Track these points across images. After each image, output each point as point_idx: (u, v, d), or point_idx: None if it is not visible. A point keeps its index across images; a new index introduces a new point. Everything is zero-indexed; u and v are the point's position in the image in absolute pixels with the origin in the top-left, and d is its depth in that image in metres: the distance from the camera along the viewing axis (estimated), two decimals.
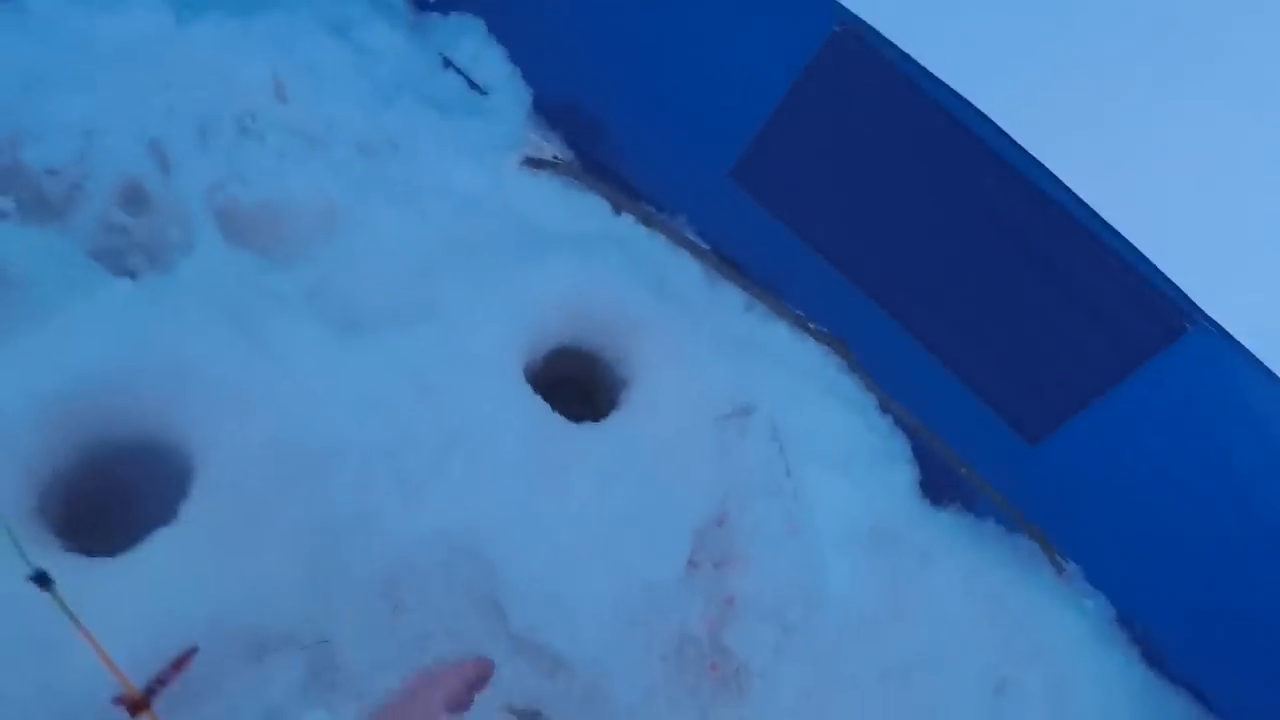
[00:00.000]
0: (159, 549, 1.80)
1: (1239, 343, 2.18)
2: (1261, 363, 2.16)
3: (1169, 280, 2.20)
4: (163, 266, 2.21)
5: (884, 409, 2.70)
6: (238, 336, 2.06)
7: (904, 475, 2.66)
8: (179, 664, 1.63)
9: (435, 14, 2.96)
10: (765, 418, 2.59)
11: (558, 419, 2.33)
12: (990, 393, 2.56)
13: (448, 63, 2.92)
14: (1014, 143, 2.25)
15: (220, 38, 2.57)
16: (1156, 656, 2.58)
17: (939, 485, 2.69)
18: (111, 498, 1.95)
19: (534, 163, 2.75)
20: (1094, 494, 2.53)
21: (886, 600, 2.44)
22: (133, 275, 2.13)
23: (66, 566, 1.61)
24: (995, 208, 2.36)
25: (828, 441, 2.60)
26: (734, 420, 2.58)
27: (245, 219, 2.41)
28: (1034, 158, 2.24)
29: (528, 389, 2.34)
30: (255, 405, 1.98)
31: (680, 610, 2.29)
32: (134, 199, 2.36)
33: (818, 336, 2.70)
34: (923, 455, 2.71)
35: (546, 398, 2.39)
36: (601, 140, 2.82)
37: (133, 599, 1.70)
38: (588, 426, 2.38)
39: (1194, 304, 2.19)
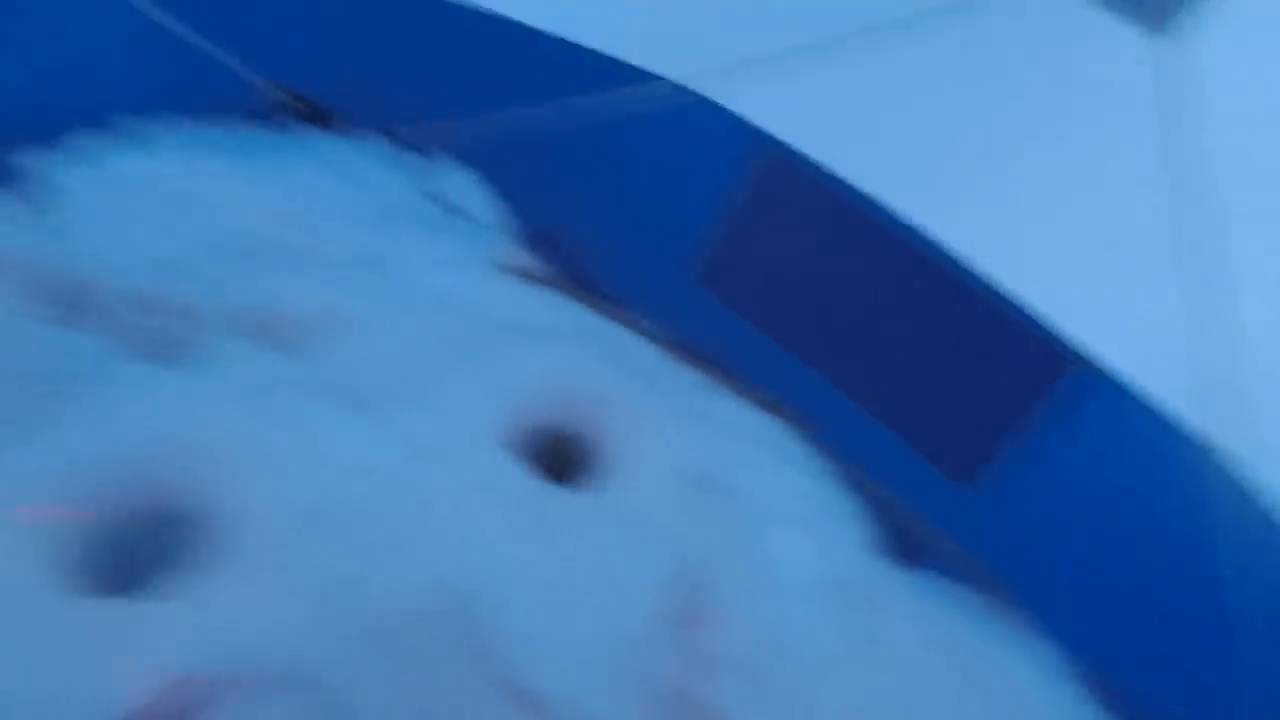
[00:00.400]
0: (171, 597, 1.93)
1: (1113, 377, 2.53)
2: (1136, 396, 2.50)
3: (1046, 328, 2.58)
4: (184, 361, 2.46)
5: (834, 469, 2.96)
6: (253, 415, 2.29)
7: (858, 531, 2.88)
8: (181, 697, 1.73)
9: (418, 153, 3.43)
10: (726, 482, 2.82)
11: (537, 483, 2.54)
12: (926, 446, 2.85)
13: (430, 192, 3.36)
14: (910, 226, 2.70)
15: (234, 174, 2.98)
16: (1112, 700, 2.71)
17: (898, 543, 2.90)
18: (142, 561, 2.08)
19: (506, 269, 3.13)
20: (1032, 536, 2.77)
21: (852, 652, 2.57)
22: (158, 368, 2.38)
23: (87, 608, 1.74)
24: (905, 278, 2.77)
25: (785, 502, 2.83)
26: (697, 485, 2.80)
27: (255, 320, 2.70)
28: (928, 237, 2.68)
29: (510, 456, 2.56)
30: (266, 472, 2.18)
31: (656, 665, 2.41)
32: (157, 306, 2.64)
33: (769, 407, 3.00)
34: (875, 512, 2.94)
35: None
36: (568, 252, 3.23)
37: (145, 641, 1.80)
38: (565, 489, 2.59)
39: (1071, 347, 2.56)
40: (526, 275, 3.15)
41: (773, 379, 3.05)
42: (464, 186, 3.41)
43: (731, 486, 2.83)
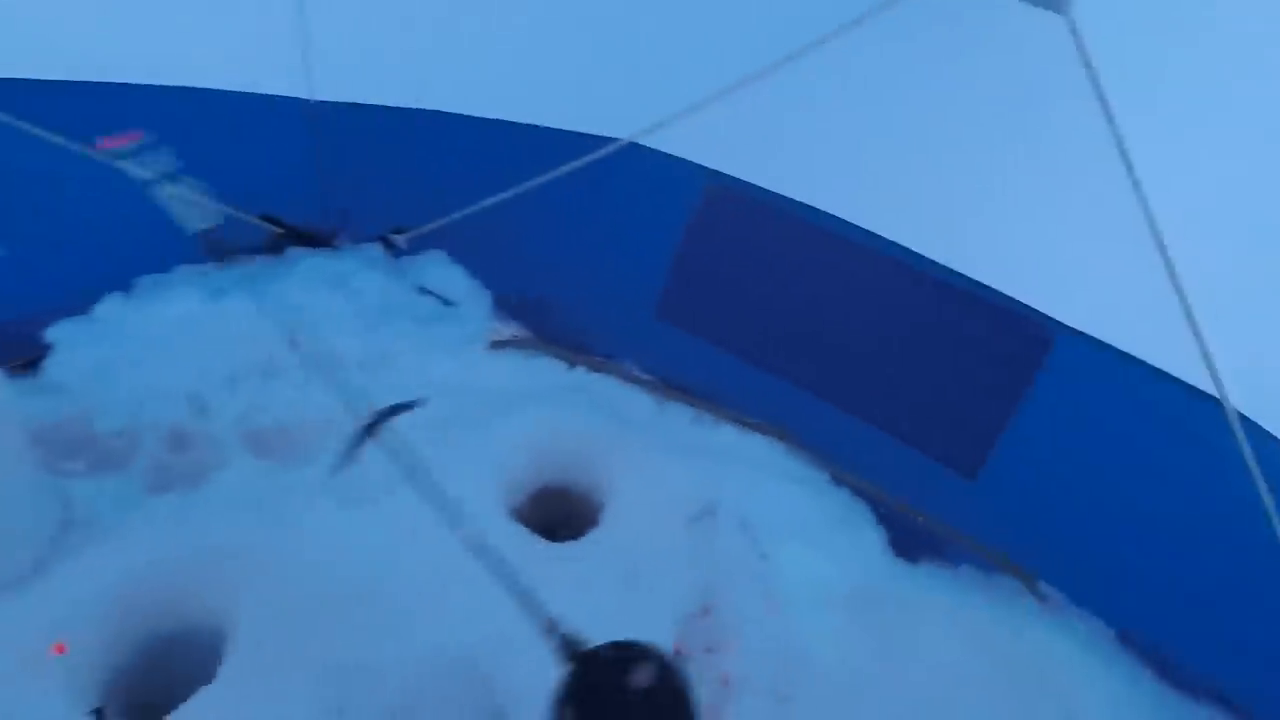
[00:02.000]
0: (198, 707, 2.11)
1: (1100, 340, 2.47)
2: (1125, 352, 2.43)
3: (1026, 305, 2.55)
4: (201, 483, 2.72)
5: (837, 481, 2.95)
6: (260, 521, 2.51)
7: (872, 538, 2.85)
8: None
9: (407, 255, 3.70)
10: (732, 511, 2.86)
11: (538, 540, 2.65)
12: (923, 443, 2.82)
13: (422, 289, 3.61)
14: (868, 232, 2.73)
15: (242, 307, 3.29)
16: (1170, 667, 2.56)
17: (910, 542, 2.86)
18: (164, 679, 2.29)
19: (497, 344, 3.31)
20: (1045, 515, 2.68)
21: (875, 654, 2.54)
22: (174, 496, 2.64)
23: None
24: (870, 284, 2.79)
25: (792, 520, 2.84)
26: (703, 519, 2.85)
27: (268, 437, 2.95)
28: (885, 238, 2.71)
29: (508, 520, 2.69)
30: (274, 572, 2.38)
31: None
32: (179, 442, 2.93)
33: (761, 430, 3.04)
34: (889, 517, 2.91)
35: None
36: (550, 315, 3.40)
37: None
38: (568, 544, 2.69)
39: (1051, 318, 2.52)
40: (517, 346, 3.33)
41: (764, 402, 3.09)
42: (451, 275, 3.65)
43: (738, 512, 2.87)
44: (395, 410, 2.22)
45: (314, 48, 3.04)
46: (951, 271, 2.62)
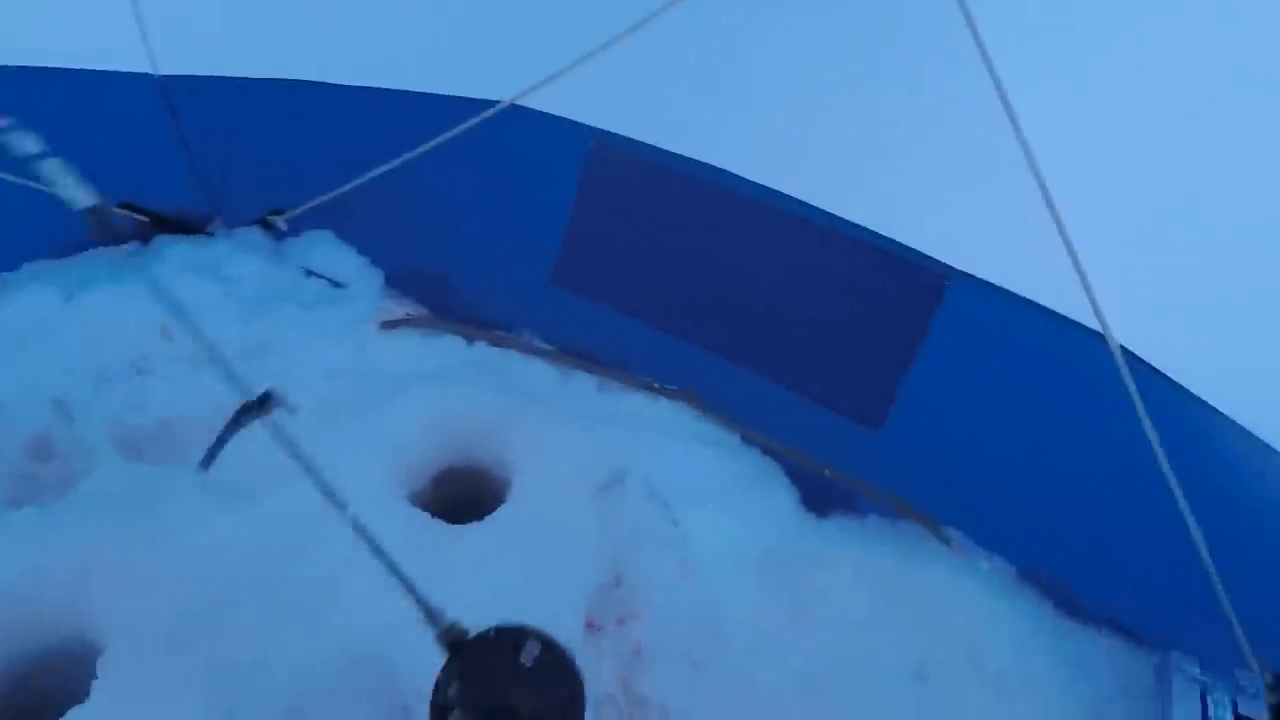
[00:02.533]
0: None
1: (995, 285, 2.48)
2: (1018, 295, 2.44)
3: (917, 251, 2.54)
4: (68, 491, 2.51)
5: (746, 441, 2.92)
6: (134, 528, 2.33)
7: (783, 496, 2.83)
8: None
9: (290, 237, 3.48)
10: (640, 477, 2.79)
11: (440, 524, 2.55)
12: (828, 397, 2.80)
13: (309, 271, 3.41)
14: (758, 185, 2.67)
15: (107, 301, 3.05)
16: (1069, 601, 2.62)
17: (820, 498, 2.85)
18: (36, 705, 2.12)
19: (390, 324, 3.15)
20: (950, 459, 2.70)
21: (787, 614, 2.53)
22: (38, 506, 2.43)
23: None
24: (763, 238, 2.74)
25: (703, 483, 2.79)
26: (612, 488, 2.78)
27: (141, 439, 2.75)
28: (775, 190, 2.65)
29: (406, 505, 2.57)
30: (151, 580, 2.22)
31: (589, 672, 2.37)
32: (42, 450, 2.70)
33: (668, 394, 2.98)
34: (800, 474, 2.89)
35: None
36: (446, 290, 3.25)
37: None
38: (471, 525, 2.59)
39: (944, 263, 2.51)
40: (410, 324, 3.18)
41: (669, 365, 3.03)
42: (339, 255, 3.45)
43: (647, 479, 2.80)
44: (265, 401, 2.04)
45: (150, 19, 2.78)
46: (844, 221, 2.59)
